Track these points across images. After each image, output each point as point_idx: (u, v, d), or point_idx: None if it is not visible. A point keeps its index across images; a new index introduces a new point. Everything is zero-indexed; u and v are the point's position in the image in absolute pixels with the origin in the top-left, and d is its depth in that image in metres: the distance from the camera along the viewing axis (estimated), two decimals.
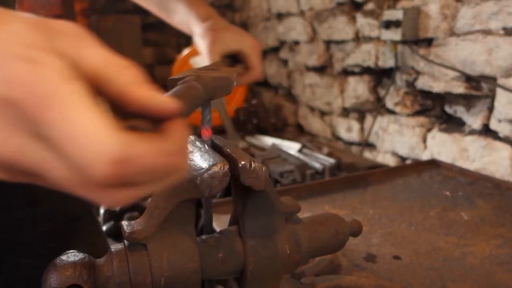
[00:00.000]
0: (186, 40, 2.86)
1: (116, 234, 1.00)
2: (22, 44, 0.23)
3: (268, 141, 1.93)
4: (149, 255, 0.44)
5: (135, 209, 1.05)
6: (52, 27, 0.25)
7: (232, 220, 0.53)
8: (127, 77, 0.25)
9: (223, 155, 0.45)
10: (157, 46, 2.84)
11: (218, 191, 0.41)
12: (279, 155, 1.69)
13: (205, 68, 0.50)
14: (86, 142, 0.21)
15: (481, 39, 1.19)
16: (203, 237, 0.50)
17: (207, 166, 0.41)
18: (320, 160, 1.46)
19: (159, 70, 2.82)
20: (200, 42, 0.80)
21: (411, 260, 0.69)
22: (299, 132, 2.28)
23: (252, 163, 0.43)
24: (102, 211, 1.08)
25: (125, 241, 0.46)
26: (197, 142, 0.49)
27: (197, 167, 0.42)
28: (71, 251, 0.46)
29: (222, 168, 0.41)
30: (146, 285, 0.44)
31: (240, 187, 0.50)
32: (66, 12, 2.13)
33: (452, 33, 1.29)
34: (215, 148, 0.49)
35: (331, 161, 1.41)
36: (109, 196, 0.24)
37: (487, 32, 1.18)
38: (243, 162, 0.43)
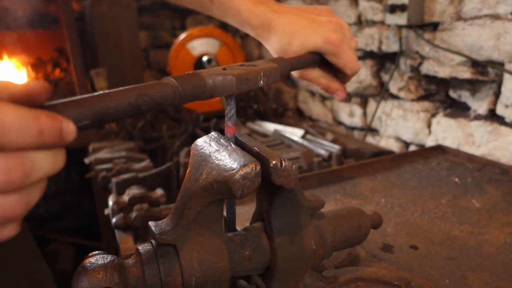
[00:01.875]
0: (181, 23, 2.81)
1: (125, 226, 0.99)
2: None
3: (270, 127, 1.91)
4: (179, 255, 0.43)
5: (144, 200, 1.05)
6: None
7: (256, 216, 0.53)
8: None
9: (251, 153, 0.45)
10: (151, 30, 2.78)
11: (250, 192, 0.41)
12: (282, 141, 1.68)
13: (249, 64, 0.49)
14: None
15: (489, 24, 1.18)
16: (229, 234, 0.49)
17: (238, 167, 0.40)
18: (325, 147, 1.46)
19: (154, 54, 2.78)
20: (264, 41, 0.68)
21: (428, 250, 0.70)
22: (299, 117, 2.27)
23: (283, 162, 0.43)
24: (110, 203, 1.07)
25: (153, 241, 0.46)
26: (221, 140, 0.48)
27: (227, 167, 0.42)
28: (97, 252, 0.45)
29: (254, 169, 0.40)
30: (176, 285, 0.43)
31: (266, 185, 0.49)
32: None
33: (459, 17, 1.28)
34: (240, 146, 0.48)
35: (336, 147, 1.41)
36: None
37: (495, 17, 1.17)
38: (274, 162, 0.42)
